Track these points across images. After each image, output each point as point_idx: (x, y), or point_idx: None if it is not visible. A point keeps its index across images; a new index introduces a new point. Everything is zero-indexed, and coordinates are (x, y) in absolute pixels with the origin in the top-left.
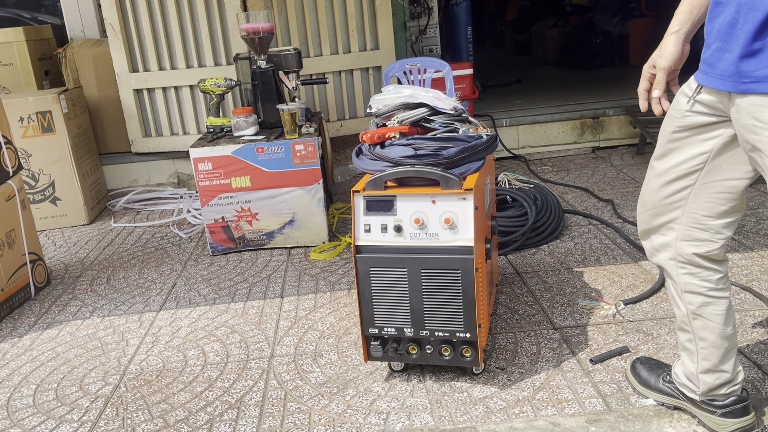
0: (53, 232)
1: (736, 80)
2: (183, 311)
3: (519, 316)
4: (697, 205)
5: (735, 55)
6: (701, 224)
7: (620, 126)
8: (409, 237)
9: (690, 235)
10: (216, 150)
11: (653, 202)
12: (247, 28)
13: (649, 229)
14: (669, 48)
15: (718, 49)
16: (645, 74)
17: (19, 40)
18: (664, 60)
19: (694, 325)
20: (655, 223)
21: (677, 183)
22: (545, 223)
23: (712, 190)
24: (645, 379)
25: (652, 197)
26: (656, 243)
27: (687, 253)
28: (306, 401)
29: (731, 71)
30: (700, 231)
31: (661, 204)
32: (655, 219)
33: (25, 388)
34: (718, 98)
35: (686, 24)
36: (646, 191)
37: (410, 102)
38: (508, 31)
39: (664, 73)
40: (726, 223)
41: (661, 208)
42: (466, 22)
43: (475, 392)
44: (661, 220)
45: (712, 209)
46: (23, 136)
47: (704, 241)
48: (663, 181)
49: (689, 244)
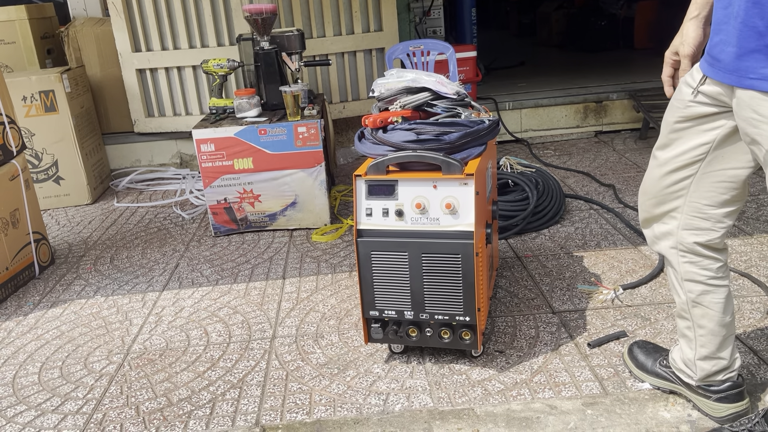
0: (56, 211)
1: (740, 75)
2: (186, 291)
3: (518, 300)
4: (699, 195)
5: (738, 50)
6: (703, 213)
7: (623, 110)
8: (411, 221)
9: (691, 224)
10: (219, 131)
11: (655, 191)
12: (251, 9)
13: (651, 217)
14: (690, 34)
15: (722, 41)
16: (668, 61)
17: (22, 18)
18: (686, 47)
19: (693, 312)
20: (657, 211)
21: (679, 173)
22: (546, 208)
23: (714, 180)
24: (642, 363)
25: (654, 186)
26: (657, 231)
27: (688, 242)
28: (307, 381)
29: (734, 66)
30: (702, 220)
31: (663, 193)
32: (656, 208)
33: (31, 366)
34: (722, 90)
35: (705, 7)
36: (648, 180)
37: (413, 86)
38: (512, 12)
39: (689, 59)
40: (727, 212)
41: (663, 197)
42: (470, 4)
43: (473, 375)
44: (662, 209)
45: (713, 198)
46: (26, 115)
47: (705, 230)
48: (665, 171)
49: (690, 233)
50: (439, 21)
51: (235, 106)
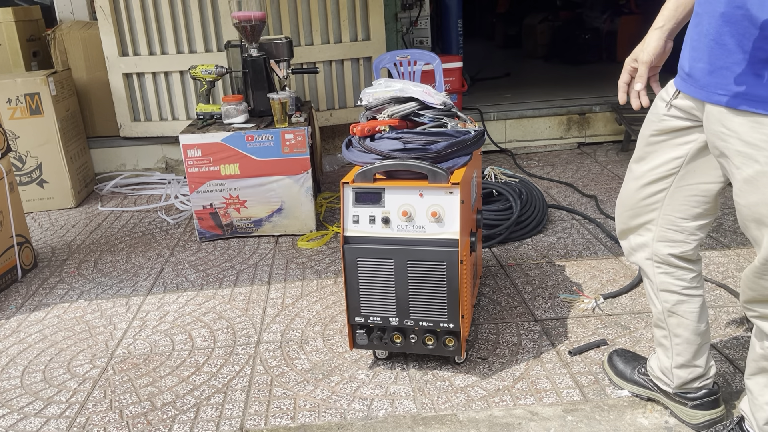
0: (40, 214)
1: (709, 90)
2: (170, 296)
3: (501, 307)
4: (673, 208)
5: (709, 66)
6: (676, 226)
7: (606, 122)
8: (397, 229)
9: (665, 236)
10: (206, 137)
11: (631, 203)
12: (239, 16)
13: (627, 229)
14: (652, 43)
15: (693, 58)
16: (626, 67)
17: (8, 20)
18: (646, 54)
19: (669, 322)
20: (633, 223)
21: (654, 186)
22: (529, 217)
23: (687, 193)
24: (621, 371)
25: (630, 199)
26: (634, 243)
27: (663, 253)
28: (292, 387)
29: (705, 82)
30: (675, 232)
31: (638, 206)
32: (632, 220)
33: (13, 370)
34: (694, 104)
35: (670, 21)
36: (625, 193)
37: (400, 96)
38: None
39: (646, 66)
40: (700, 225)
41: (639, 209)
42: (456, 15)
43: (456, 381)
44: (638, 221)
45: (686, 211)
46: (11, 117)
47: (679, 242)
48: (640, 184)
49: (665, 245)
50: (426, 31)
51: (223, 112)
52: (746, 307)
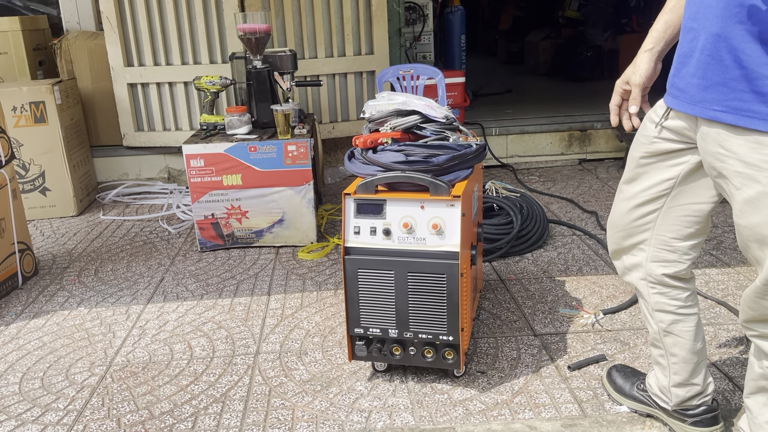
0: (41, 222)
1: (704, 106)
2: (170, 305)
3: (501, 321)
4: (665, 228)
5: (703, 82)
6: (669, 246)
7: (607, 139)
8: (398, 240)
9: (659, 256)
10: (209, 147)
11: (623, 224)
12: (245, 28)
13: (620, 249)
14: (643, 65)
15: (687, 73)
16: (617, 90)
17: (15, 29)
18: (638, 77)
19: (665, 341)
20: (625, 244)
21: (645, 207)
22: (530, 232)
23: (679, 214)
24: (620, 387)
25: (622, 219)
26: (627, 263)
27: (657, 273)
28: (290, 398)
29: (699, 97)
30: (669, 252)
31: (630, 226)
32: (624, 240)
33: (11, 376)
34: (686, 124)
35: (660, 42)
36: (616, 213)
37: (403, 109)
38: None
39: (639, 89)
40: (692, 245)
41: (631, 230)
42: (460, 31)
43: (455, 394)
44: (630, 241)
45: (679, 232)
46: (15, 125)
47: (672, 262)
48: (632, 205)
49: (658, 265)
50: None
51: (226, 122)
52: (746, 326)
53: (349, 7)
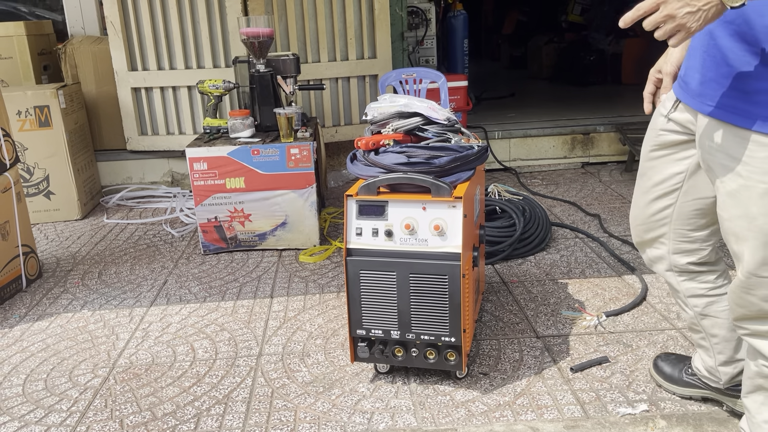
0: (46, 225)
1: (701, 101)
2: (173, 308)
3: (503, 323)
4: (681, 222)
5: (701, 77)
6: (688, 237)
7: (610, 143)
8: (399, 242)
9: (680, 248)
10: (212, 150)
11: (642, 218)
12: (248, 32)
13: (643, 242)
14: (675, 54)
15: (690, 67)
16: (651, 78)
17: (20, 34)
18: (669, 65)
19: (703, 324)
20: (647, 237)
21: (660, 202)
22: (532, 235)
23: (693, 207)
24: (670, 375)
25: (641, 214)
26: (651, 256)
27: (681, 263)
28: (292, 399)
29: (698, 91)
30: (689, 243)
31: (649, 221)
32: (646, 234)
33: (15, 378)
34: (691, 116)
35: None
36: (635, 208)
37: (405, 111)
38: (504, 45)
39: (670, 77)
40: (711, 232)
41: (650, 224)
42: (462, 35)
43: (457, 396)
44: (651, 234)
45: (695, 223)
46: (20, 129)
47: (694, 250)
48: (647, 200)
49: (681, 256)
50: (431, 50)
51: (229, 126)
52: (737, 325)
53: (352, 11)
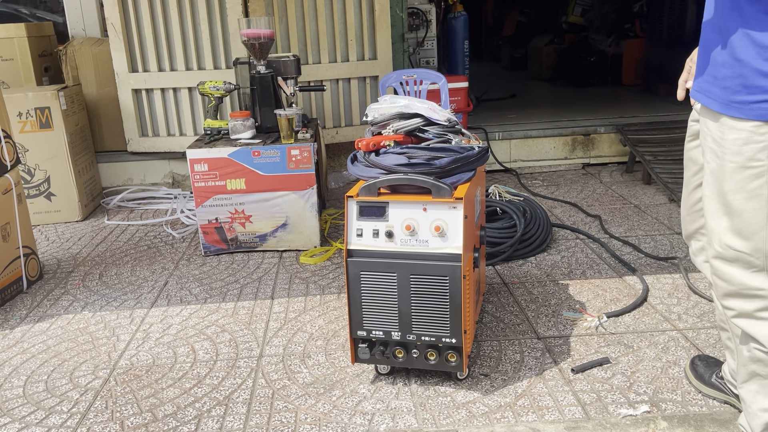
0: (46, 227)
1: (696, 88)
2: (174, 309)
3: (504, 325)
4: None
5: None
6: None
7: (611, 144)
8: (400, 243)
9: None
10: (213, 152)
11: (685, 210)
12: (248, 34)
13: (688, 234)
14: None
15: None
16: (687, 67)
17: (21, 35)
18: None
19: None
20: (691, 228)
21: (697, 192)
22: (533, 236)
23: None
24: (701, 375)
25: (684, 205)
26: (694, 248)
27: None
28: (293, 400)
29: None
30: None
31: (690, 212)
32: (690, 225)
33: (16, 379)
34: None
35: None
36: (682, 199)
37: (406, 112)
38: (504, 46)
39: None
40: None
41: (692, 215)
42: (463, 36)
43: (458, 397)
44: (694, 226)
45: None
46: (21, 131)
47: None
48: (688, 191)
49: None
50: (432, 52)
51: (230, 127)
52: (725, 305)
53: (353, 12)
